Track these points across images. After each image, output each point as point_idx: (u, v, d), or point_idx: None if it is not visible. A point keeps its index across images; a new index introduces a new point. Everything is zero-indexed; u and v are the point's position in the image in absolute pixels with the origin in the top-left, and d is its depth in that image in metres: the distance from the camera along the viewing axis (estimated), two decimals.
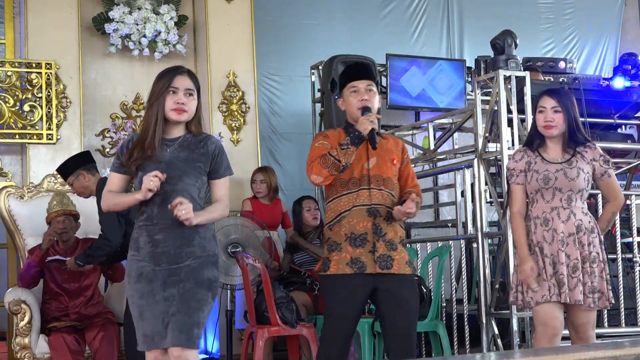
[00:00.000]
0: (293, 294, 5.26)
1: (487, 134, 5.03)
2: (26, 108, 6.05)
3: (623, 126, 6.25)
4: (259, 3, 6.98)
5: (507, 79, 4.95)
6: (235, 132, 6.63)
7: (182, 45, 6.52)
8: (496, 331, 4.87)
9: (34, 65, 6.08)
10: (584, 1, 8.82)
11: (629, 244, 5.30)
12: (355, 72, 3.68)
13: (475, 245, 5.21)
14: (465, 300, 5.20)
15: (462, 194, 5.68)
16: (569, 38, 8.73)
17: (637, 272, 5.08)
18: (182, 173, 3.33)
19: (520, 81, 4.99)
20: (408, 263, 3.59)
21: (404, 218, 3.53)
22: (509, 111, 4.92)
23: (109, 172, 3.48)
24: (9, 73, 6.02)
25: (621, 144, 5.90)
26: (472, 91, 5.49)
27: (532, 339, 4.49)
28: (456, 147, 6.01)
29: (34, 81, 6.06)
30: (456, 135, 5.98)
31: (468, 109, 5.51)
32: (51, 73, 6.10)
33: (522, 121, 4.97)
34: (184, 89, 3.35)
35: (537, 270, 3.71)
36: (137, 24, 6.34)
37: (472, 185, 5.18)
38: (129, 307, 3.43)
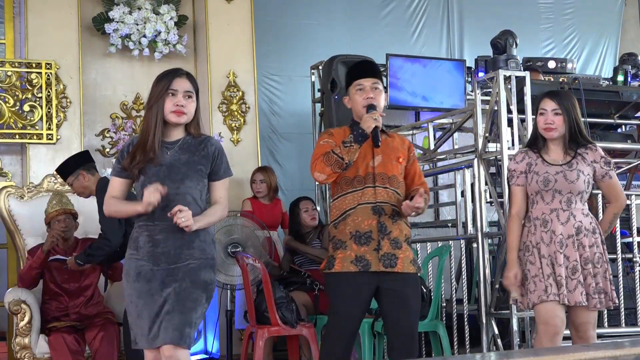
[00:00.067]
0: (293, 294, 5.26)
1: (487, 134, 5.03)
2: (26, 108, 6.05)
3: (623, 126, 6.24)
4: (259, 3, 6.98)
5: (507, 79, 4.95)
6: (235, 132, 6.63)
7: (182, 45, 6.52)
8: (496, 331, 4.87)
9: (34, 65, 6.08)
10: (584, 1, 8.82)
11: (629, 244, 5.30)
12: (361, 70, 3.68)
13: (475, 245, 5.21)
14: (465, 300, 5.20)
15: (462, 194, 5.68)
16: (569, 38, 8.73)
17: (637, 272, 5.08)
18: (184, 176, 3.33)
19: (520, 81, 4.98)
20: (412, 262, 3.59)
21: (412, 213, 3.51)
22: (509, 111, 4.92)
23: (110, 177, 3.47)
24: (9, 73, 6.02)
25: (621, 144, 5.90)
26: (472, 91, 5.49)
27: (533, 339, 4.50)
28: (456, 147, 6.01)
29: (34, 81, 6.06)
30: (456, 135, 5.97)
31: (468, 109, 5.50)
32: (51, 73, 6.10)
33: (522, 121, 4.96)
34: (183, 91, 3.35)
35: (521, 277, 3.79)
36: (137, 24, 6.34)
37: (472, 185, 5.18)
38: (126, 306, 3.43)
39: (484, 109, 5.07)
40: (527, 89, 4.97)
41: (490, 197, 5.07)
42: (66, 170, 4.97)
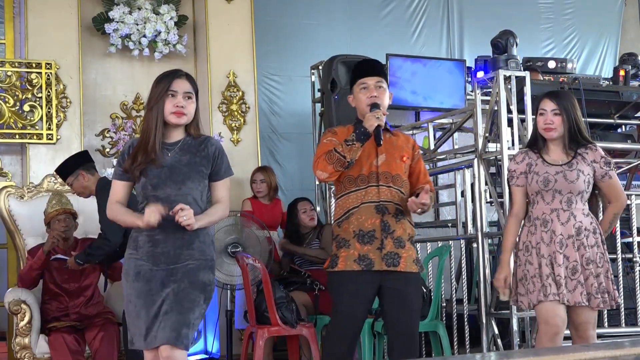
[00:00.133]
0: (293, 294, 5.26)
1: (487, 134, 5.03)
2: (26, 108, 6.05)
3: (623, 126, 6.24)
4: (259, 3, 6.98)
5: (507, 79, 4.95)
6: (235, 132, 6.63)
7: (182, 45, 6.52)
8: (496, 331, 4.86)
9: (34, 65, 6.08)
10: (584, 1, 8.82)
11: (629, 244, 5.30)
12: (365, 69, 3.68)
13: (475, 245, 5.21)
14: (465, 300, 5.20)
15: (462, 194, 5.68)
16: (569, 38, 8.73)
17: (637, 272, 5.08)
18: (185, 177, 3.34)
19: (520, 81, 4.98)
20: (415, 261, 3.58)
21: (418, 210, 3.50)
22: (509, 111, 4.92)
23: (112, 181, 3.47)
24: (9, 73, 6.02)
25: (621, 144, 5.90)
26: (472, 91, 5.49)
27: (533, 339, 4.50)
28: (456, 147, 6.01)
29: (34, 81, 6.06)
30: (456, 135, 5.97)
31: (468, 109, 5.50)
32: (51, 73, 6.10)
33: (522, 121, 4.96)
34: (183, 92, 3.36)
35: (509, 281, 3.85)
36: (137, 24, 6.34)
37: (472, 185, 5.18)
38: (124, 305, 3.43)
39: (484, 109, 5.07)
40: (527, 89, 4.97)
41: (490, 197, 5.07)
42: (66, 170, 4.97)
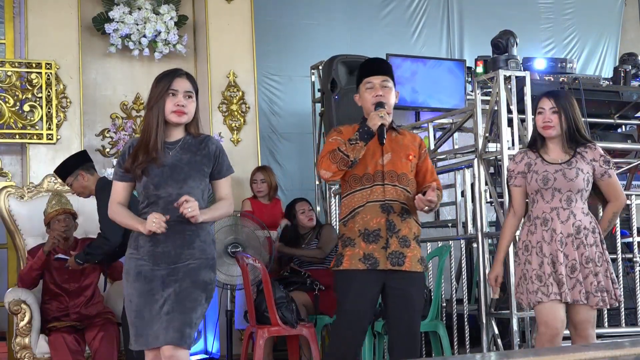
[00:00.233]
0: (293, 294, 5.26)
1: (487, 134, 5.03)
2: (26, 108, 6.05)
3: (623, 126, 6.24)
4: (259, 3, 6.98)
5: (507, 79, 4.95)
6: (235, 132, 6.63)
7: (182, 45, 6.52)
8: (496, 331, 4.86)
9: (34, 65, 6.08)
10: (584, 1, 8.82)
11: (629, 244, 5.30)
12: (371, 68, 3.68)
13: (475, 245, 5.21)
14: (465, 300, 5.20)
15: (462, 194, 5.68)
16: (569, 38, 8.73)
17: (637, 272, 5.08)
18: (187, 176, 3.34)
19: (520, 81, 4.98)
20: (420, 260, 3.59)
21: (425, 208, 3.50)
22: (509, 111, 4.92)
23: (113, 182, 3.47)
24: (9, 73, 6.02)
25: (621, 144, 5.89)
26: (472, 91, 5.48)
27: (533, 339, 4.50)
28: (456, 147, 6.00)
29: (34, 81, 6.06)
30: (456, 135, 5.97)
31: (468, 109, 5.50)
32: (51, 73, 6.10)
33: (522, 121, 4.96)
34: (184, 91, 3.36)
35: (500, 280, 3.90)
36: (137, 24, 6.34)
37: (472, 185, 5.17)
38: (125, 305, 3.43)
39: (484, 109, 5.07)
40: (527, 89, 4.97)
41: (490, 197, 5.07)
42: (65, 171, 4.97)
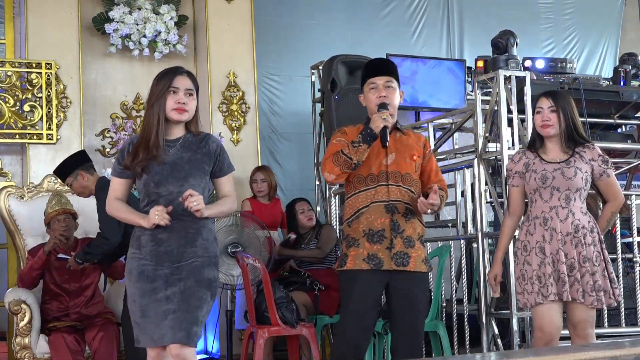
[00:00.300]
0: (293, 294, 5.26)
1: (487, 134, 5.03)
2: (26, 108, 6.05)
3: (623, 126, 6.24)
4: (259, 3, 6.97)
5: (507, 79, 4.95)
6: (235, 132, 6.62)
7: (182, 45, 6.52)
8: (496, 331, 4.87)
9: (34, 65, 6.08)
10: (584, 1, 8.82)
11: (629, 244, 5.30)
12: (374, 68, 3.69)
13: (475, 245, 5.21)
14: (465, 300, 5.20)
15: (462, 194, 5.68)
16: (569, 38, 8.73)
17: (637, 272, 5.08)
18: (187, 174, 3.34)
19: (520, 81, 4.98)
20: (424, 260, 3.59)
21: (428, 211, 3.49)
22: (509, 111, 4.92)
23: (111, 177, 3.47)
24: (9, 73, 6.02)
25: (621, 144, 5.90)
26: (472, 91, 5.48)
27: (532, 340, 4.50)
28: (456, 147, 6.00)
29: (34, 81, 6.06)
30: (456, 135, 5.97)
31: (468, 109, 5.50)
32: (51, 73, 6.10)
33: (522, 121, 4.96)
34: (184, 89, 3.36)
35: (499, 279, 3.90)
36: (137, 24, 6.34)
37: (472, 185, 5.18)
38: (128, 305, 3.43)
39: (484, 109, 5.07)
40: (527, 89, 4.97)
41: (490, 197, 5.07)
42: (64, 171, 4.96)
